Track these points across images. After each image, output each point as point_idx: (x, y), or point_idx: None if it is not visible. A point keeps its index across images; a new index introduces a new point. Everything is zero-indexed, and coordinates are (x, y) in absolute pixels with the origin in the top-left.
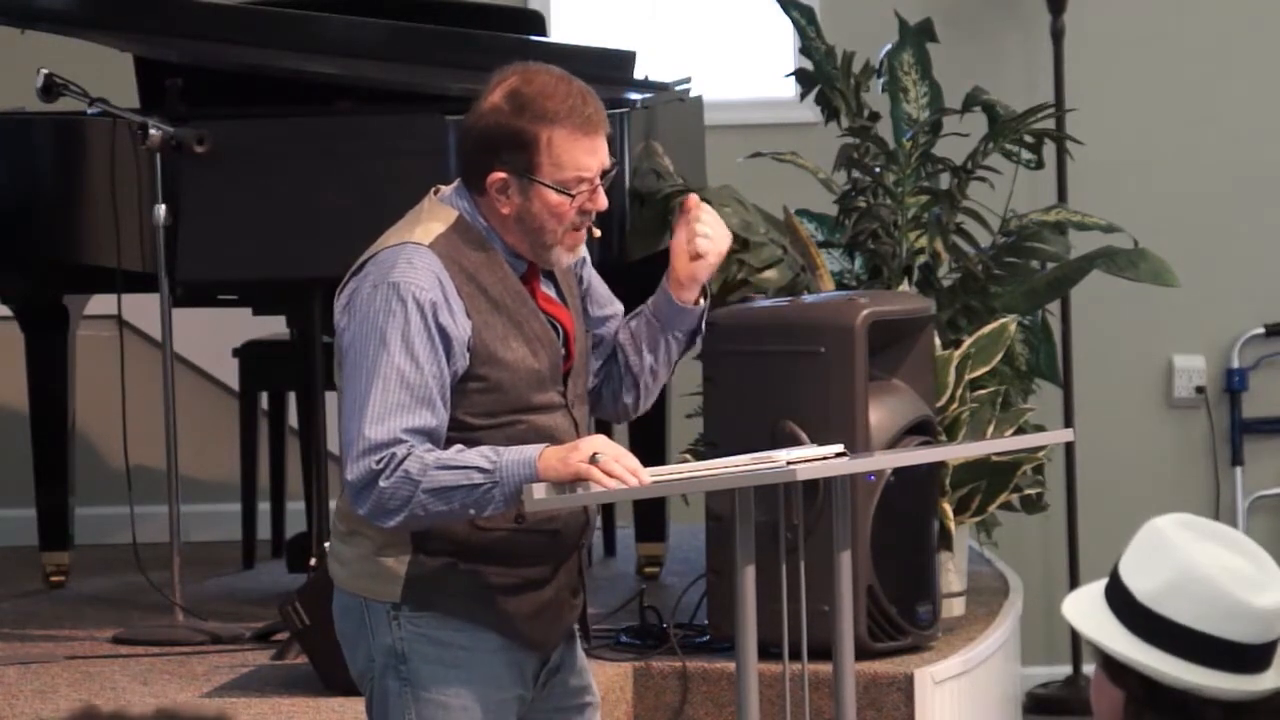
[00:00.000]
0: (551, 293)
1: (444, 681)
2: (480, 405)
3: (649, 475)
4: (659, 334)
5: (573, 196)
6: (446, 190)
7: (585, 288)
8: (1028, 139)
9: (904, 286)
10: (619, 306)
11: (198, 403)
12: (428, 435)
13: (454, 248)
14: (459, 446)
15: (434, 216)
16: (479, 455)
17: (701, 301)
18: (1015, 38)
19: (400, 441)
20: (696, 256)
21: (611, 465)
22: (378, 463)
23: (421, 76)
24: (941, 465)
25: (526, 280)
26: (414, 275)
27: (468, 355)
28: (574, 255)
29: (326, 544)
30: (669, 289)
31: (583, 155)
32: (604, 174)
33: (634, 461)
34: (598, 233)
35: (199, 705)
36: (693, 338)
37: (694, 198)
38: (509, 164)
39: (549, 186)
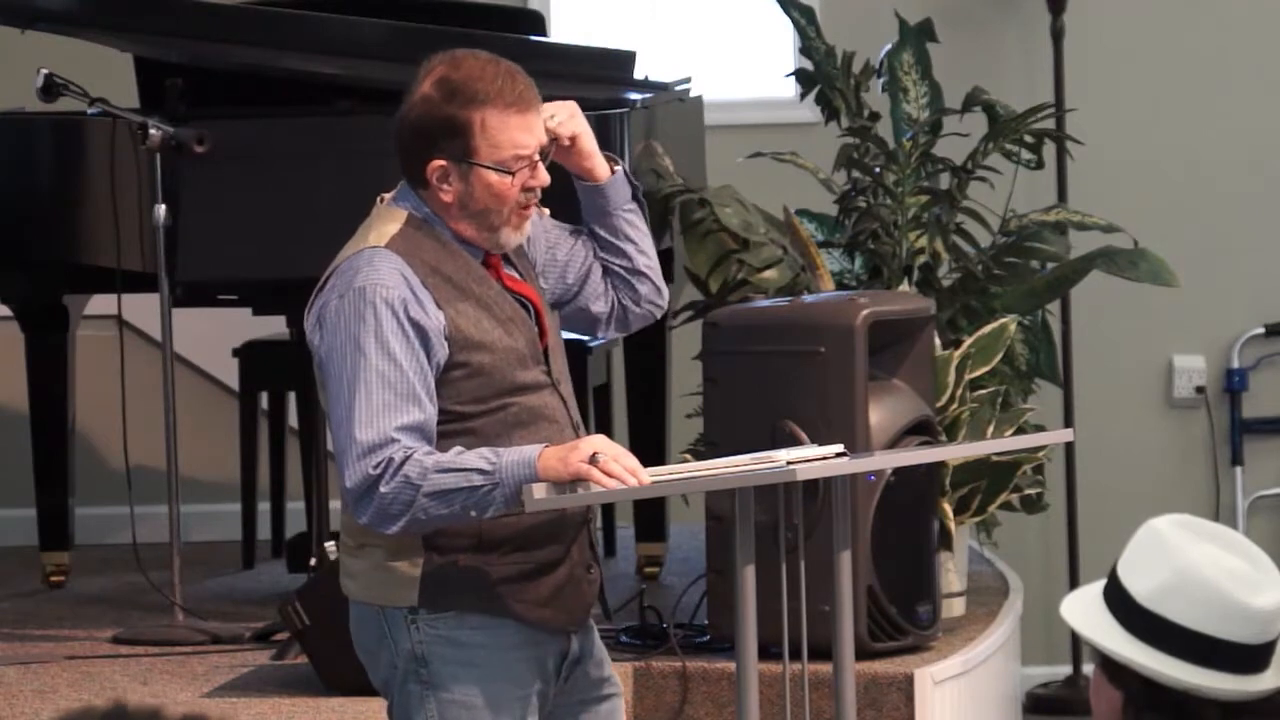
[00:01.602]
0: (514, 273)
1: (465, 681)
2: (469, 392)
3: (649, 475)
4: (611, 220)
5: (513, 175)
6: (390, 196)
7: (546, 258)
8: (1028, 139)
9: (904, 286)
10: (581, 230)
11: (198, 403)
12: (418, 430)
13: (411, 244)
14: (458, 448)
15: (384, 220)
16: (478, 457)
17: (615, 169)
18: (1015, 38)
19: (393, 441)
20: (569, 142)
21: (610, 465)
22: (375, 467)
23: None
24: (941, 465)
25: (487, 264)
26: (378, 276)
27: (446, 344)
28: (521, 235)
29: (328, 544)
30: (583, 185)
31: (518, 133)
32: (542, 151)
33: (633, 461)
34: (545, 211)
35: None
36: (636, 198)
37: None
38: (446, 151)
39: (488, 168)
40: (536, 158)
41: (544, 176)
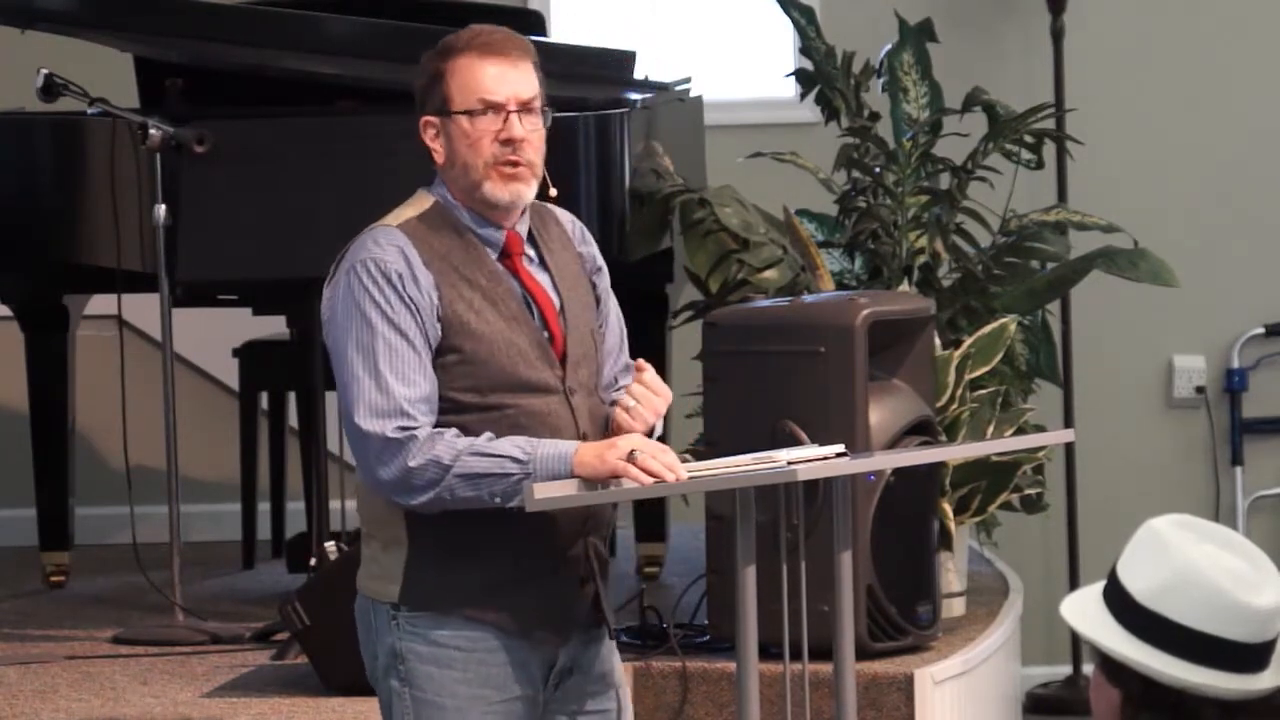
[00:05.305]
0: (544, 279)
1: (440, 682)
2: (463, 379)
3: (685, 471)
4: None
5: (473, 115)
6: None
7: (601, 300)
8: (1028, 139)
9: (904, 286)
10: (628, 375)
11: (198, 403)
12: (426, 402)
13: (426, 229)
14: (489, 434)
15: (411, 204)
16: (513, 445)
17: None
18: (1015, 38)
19: (404, 412)
20: (624, 419)
21: (649, 462)
22: (395, 430)
23: None
24: (941, 465)
25: (509, 256)
26: (378, 252)
27: (439, 326)
28: (509, 193)
29: (328, 544)
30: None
31: (485, 79)
32: (525, 106)
33: (672, 457)
34: (553, 192)
35: None
36: None
37: (641, 361)
38: (428, 108)
39: (458, 114)
40: (511, 109)
41: (516, 129)
